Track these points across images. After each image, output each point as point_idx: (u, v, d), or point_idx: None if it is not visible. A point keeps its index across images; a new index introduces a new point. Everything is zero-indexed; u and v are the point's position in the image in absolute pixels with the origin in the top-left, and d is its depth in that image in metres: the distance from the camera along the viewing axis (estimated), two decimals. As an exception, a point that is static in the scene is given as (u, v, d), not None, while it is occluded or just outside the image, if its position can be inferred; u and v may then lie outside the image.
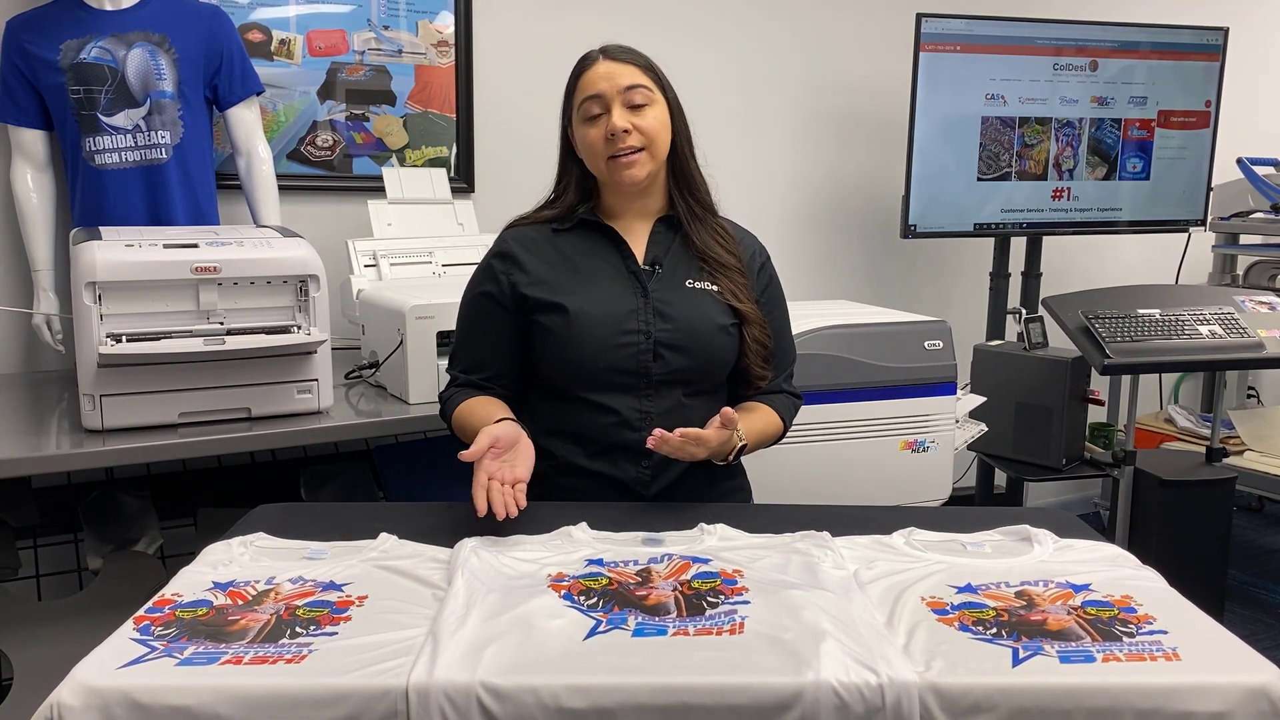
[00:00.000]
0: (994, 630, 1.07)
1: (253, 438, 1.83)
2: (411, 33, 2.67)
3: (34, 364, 2.37)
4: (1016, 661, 1.00)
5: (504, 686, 0.94)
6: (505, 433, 1.42)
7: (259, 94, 2.35)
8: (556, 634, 1.04)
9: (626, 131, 1.52)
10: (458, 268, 2.39)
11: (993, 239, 3.34)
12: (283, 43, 2.53)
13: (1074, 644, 1.04)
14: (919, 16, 2.98)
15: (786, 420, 1.67)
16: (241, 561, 1.25)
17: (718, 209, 1.68)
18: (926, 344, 2.30)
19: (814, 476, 2.20)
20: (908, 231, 3.11)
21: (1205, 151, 3.42)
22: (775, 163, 3.26)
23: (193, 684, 0.94)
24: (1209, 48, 3.35)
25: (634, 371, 1.54)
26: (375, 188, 2.52)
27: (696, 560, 1.24)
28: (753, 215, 1.76)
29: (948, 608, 1.13)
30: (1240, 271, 3.82)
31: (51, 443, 1.75)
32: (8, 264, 2.33)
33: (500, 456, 1.40)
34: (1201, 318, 2.72)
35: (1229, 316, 2.74)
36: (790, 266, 1.76)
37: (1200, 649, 1.03)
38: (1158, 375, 3.87)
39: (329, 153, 2.61)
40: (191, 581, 1.18)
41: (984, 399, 2.59)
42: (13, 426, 1.87)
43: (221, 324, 1.80)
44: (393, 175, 2.53)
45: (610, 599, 1.13)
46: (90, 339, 1.70)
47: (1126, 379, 2.81)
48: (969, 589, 1.18)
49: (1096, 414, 3.15)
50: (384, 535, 1.31)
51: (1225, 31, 3.35)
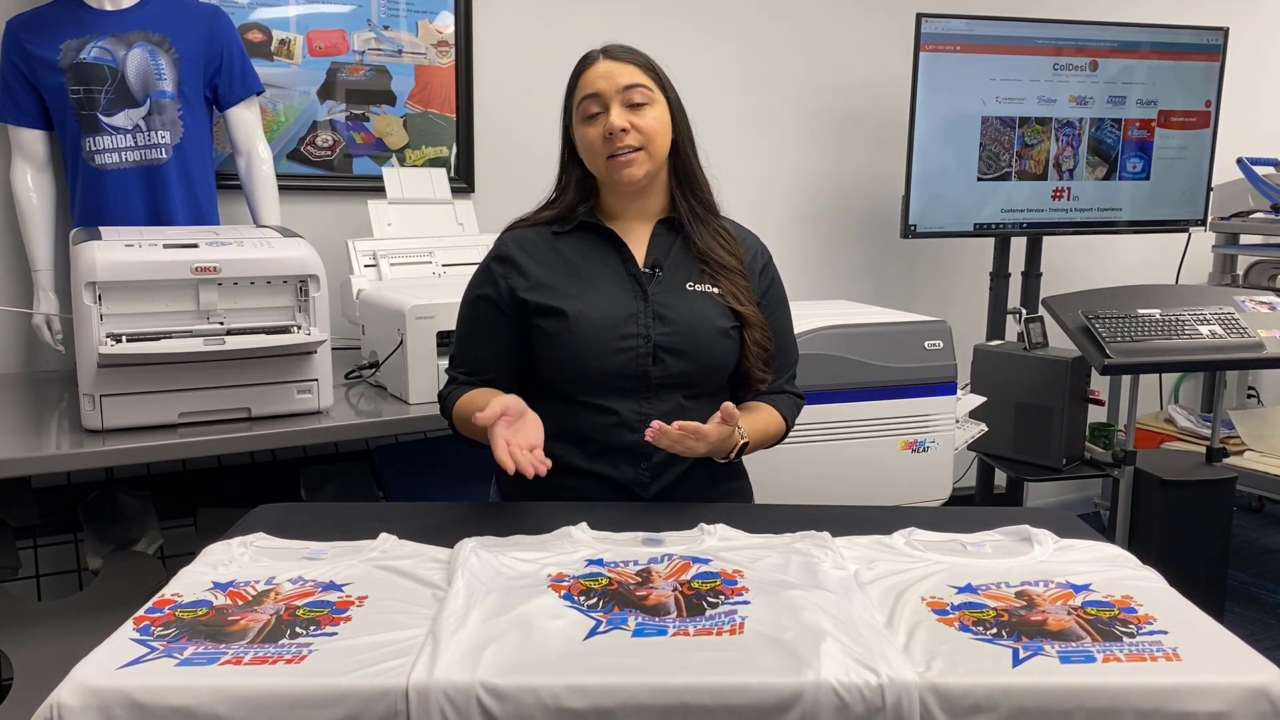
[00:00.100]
0: (994, 630, 1.07)
1: (253, 438, 1.83)
2: (411, 33, 2.67)
3: (34, 364, 2.37)
4: (1017, 662, 1.00)
5: (504, 686, 0.94)
6: (513, 403, 1.43)
7: (259, 94, 2.35)
8: (556, 634, 1.04)
9: (624, 131, 1.51)
10: (458, 268, 2.39)
11: (993, 239, 3.34)
12: (283, 43, 2.53)
13: (1074, 644, 1.04)
14: (919, 16, 2.98)
15: (789, 420, 1.67)
16: (241, 562, 1.25)
17: (719, 209, 1.67)
18: (926, 344, 2.30)
19: (814, 476, 2.20)
20: (908, 231, 3.11)
21: (1205, 151, 3.42)
22: (775, 163, 3.26)
23: (193, 684, 0.94)
24: (1209, 48, 3.35)
25: (633, 375, 1.53)
26: (375, 188, 2.52)
27: (697, 560, 1.24)
28: (753, 215, 1.76)
29: (948, 608, 1.13)
30: (1240, 271, 3.81)
31: (51, 443, 1.75)
32: (8, 264, 2.33)
33: (511, 425, 1.41)
34: (1201, 318, 2.72)
35: (1229, 316, 2.73)
36: (790, 266, 1.76)
37: (1200, 649, 1.03)
38: (1158, 375, 3.87)
39: (329, 153, 2.61)
40: (191, 581, 1.18)
41: (984, 399, 2.58)
42: (13, 426, 1.87)
43: (221, 324, 1.80)
44: (393, 175, 2.52)
45: (610, 599, 1.13)
46: (90, 339, 1.70)
47: (1126, 379, 2.81)
48: (969, 589, 1.18)
49: (1096, 414, 3.15)
50: (384, 535, 1.31)
51: (1225, 31, 3.35)
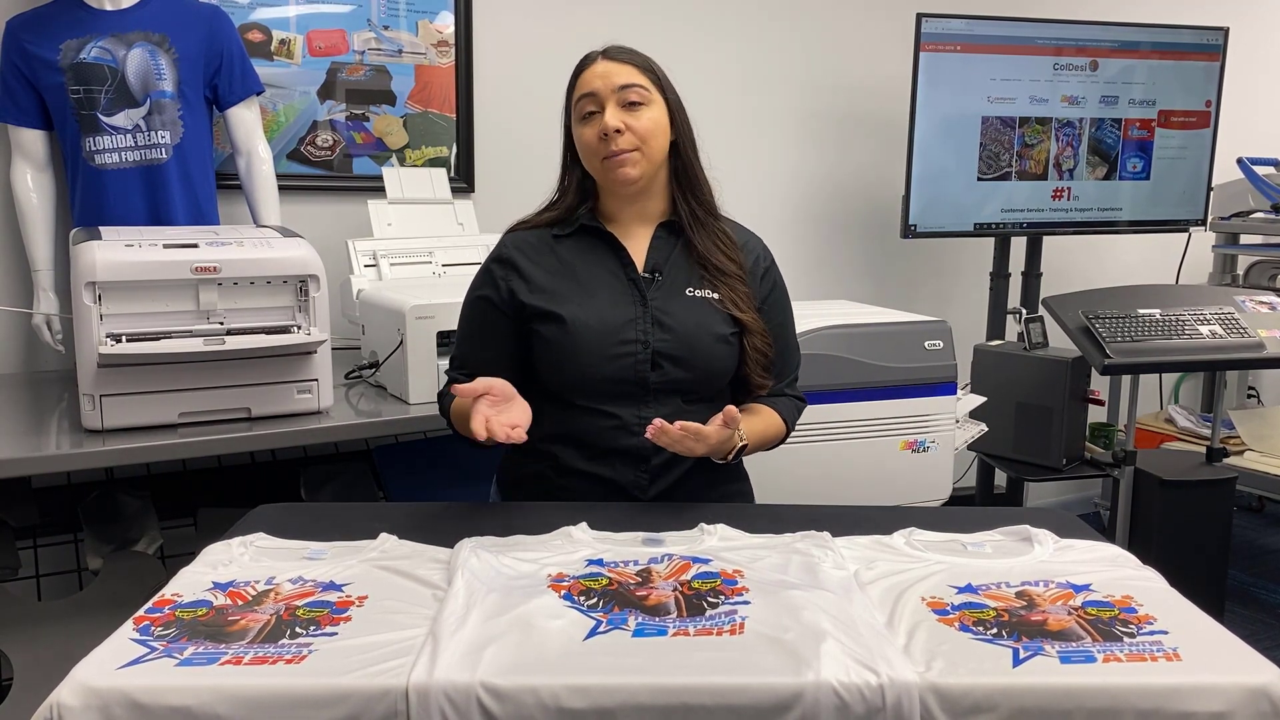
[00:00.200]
0: (994, 630, 1.07)
1: (253, 438, 1.83)
2: (411, 33, 2.66)
3: (34, 364, 2.37)
4: (1017, 662, 1.00)
5: (504, 687, 0.94)
6: (503, 387, 1.44)
7: (259, 94, 2.35)
8: (556, 634, 1.04)
9: (619, 131, 1.50)
10: (458, 268, 2.39)
11: (993, 239, 3.34)
12: (283, 43, 2.53)
13: (1074, 644, 1.03)
14: (919, 16, 2.98)
15: (789, 423, 1.66)
16: (241, 562, 1.25)
17: (721, 211, 1.66)
18: (927, 344, 2.29)
19: (814, 476, 2.20)
20: (908, 231, 3.10)
21: (1205, 151, 3.41)
22: (775, 163, 3.26)
23: (192, 684, 0.94)
24: (1209, 48, 3.35)
25: (632, 380, 1.53)
26: (375, 188, 2.52)
27: (697, 560, 1.24)
28: (753, 215, 1.75)
29: (948, 608, 1.12)
30: (1240, 271, 3.82)
31: (51, 443, 1.75)
32: (8, 264, 2.33)
33: (496, 404, 1.41)
34: (1202, 318, 2.72)
35: (1229, 316, 2.73)
36: (790, 266, 1.76)
37: (1201, 649, 1.03)
38: (1158, 375, 3.87)
39: (329, 153, 2.61)
40: (191, 582, 1.18)
41: (984, 399, 2.58)
42: (13, 426, 1.87)
43: (221, 324, 1.79)
44: (393, 175, 2.52)
45: (610, 599, 1.13)
46: (90, 339, 1.70)
47: (1126, 379, 2.81)
48: (969, 589, 1.18)
49: (1096, 414, 3.15)
50: (384, 535, 1.31)
51: (1225, 31, 3.35)
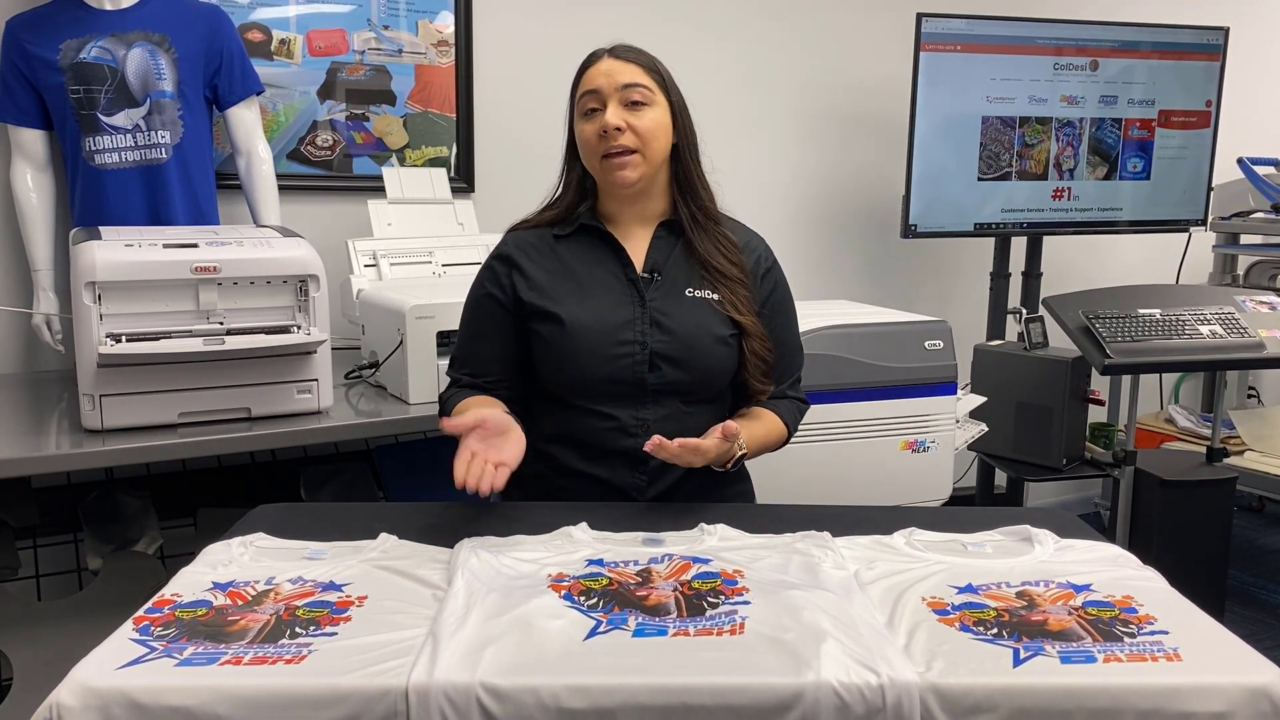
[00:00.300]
0: (995, 630, 1.07)
1: (253, 438, 1.83)
2: (411, 32, 2.66)
3: (34, 364, 2.37)
4: (1017, 662, 1.00)
5: (504, 687, 0.94)
6: (496, 419, 1.40)
7: (259, 94, 2.35)
8: (556, 634, 1.03)
9: (619, 129, 1.49)
10: (458, 268, 2.39)
11: (993, 239, 3.34)
12: (283, 42, 2.53)
13: (1075, 644, 1.03)
14: (919, 16, 2.98)
15: (791, 426, 1.65)
16: (241, 562, 1.25)
17: (722, 214, 1.64)
18: (927, 344, 2.29)
19: (814, 476, 2.20)
20: (908, 231, 3.10)
21: (1206, 151, 3.41)
22: (776, 163, 3.26)
23: (192, 684, 0.94)
24: (1209, 47, 3.35)
25: (630, 381, 1.52)
26: (375, 188, 2.52)
27: (697, 560, 1.24)
28: (753, 215, 1.75)
29: (948, 608, 1.12)
30: (1241, 271, 3.81)
31: (51, 443, 1.75)
32: (8, 264, 2.32)
33: (487, 439, 1.37)
34: (1202, 318, 2.72)
35: (1229, 316, 2.73)
36: (791, 266, 1.76)
37: (1201, 649, 1.03)
38: (1158, 375, 3.87)
39: (329, 153, 2.61)
40: (191, 582, 1.18)
41: (984, 399, 2.58)
42: (13, 426, 1.87)
43: (221, 324, 1.79)
44: (393, 175, 2.52)
45: (610, 599, 1.13)
46: (90, 339, 1.70)
47: (1127, 379, 2.81)
48: (970, 589, 1.18)
49: (1097, 414, 3.15)
50: (384, 535, 1.31)
51: (1225, 31, 3.35)
